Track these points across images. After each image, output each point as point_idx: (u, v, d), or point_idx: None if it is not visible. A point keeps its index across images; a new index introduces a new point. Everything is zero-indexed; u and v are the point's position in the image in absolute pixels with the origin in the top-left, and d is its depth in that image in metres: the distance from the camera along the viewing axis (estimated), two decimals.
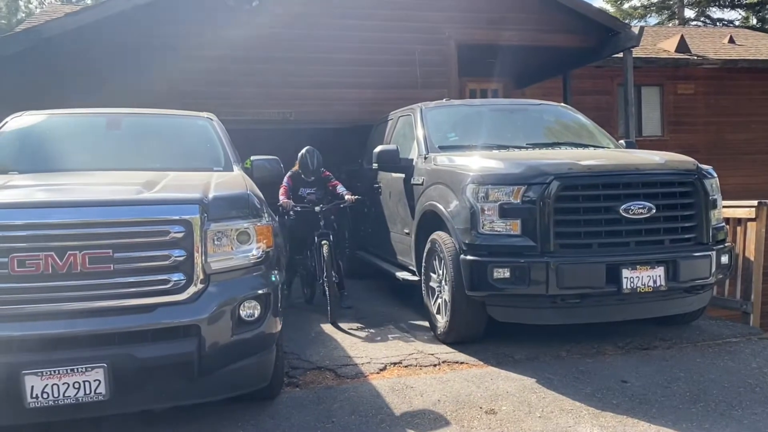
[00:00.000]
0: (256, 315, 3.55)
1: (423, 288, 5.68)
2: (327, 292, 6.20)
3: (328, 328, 5.97)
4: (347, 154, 10.41)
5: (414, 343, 5.34)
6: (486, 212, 4.80)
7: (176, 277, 3.32)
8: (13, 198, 3.30)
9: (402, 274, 6.32)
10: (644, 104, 15.10)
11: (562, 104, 7.37)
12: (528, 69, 13.15)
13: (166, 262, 3.30)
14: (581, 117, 6.88)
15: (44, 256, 3.10)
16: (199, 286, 3.37)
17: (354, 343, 5.40)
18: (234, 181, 4.02)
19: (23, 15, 18.29)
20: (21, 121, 4.92)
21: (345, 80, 10.11)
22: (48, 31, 8.62)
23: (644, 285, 4.64)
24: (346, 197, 6.77)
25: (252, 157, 5.02)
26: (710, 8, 31.51)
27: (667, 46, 15.60)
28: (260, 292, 3.57)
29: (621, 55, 11.09)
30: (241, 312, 3.49)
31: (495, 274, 4.67)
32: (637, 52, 12.45)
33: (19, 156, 4.57)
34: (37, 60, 8.73)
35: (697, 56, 15.15)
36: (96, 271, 3.17)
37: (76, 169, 4.36)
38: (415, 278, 5.99)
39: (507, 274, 4.66)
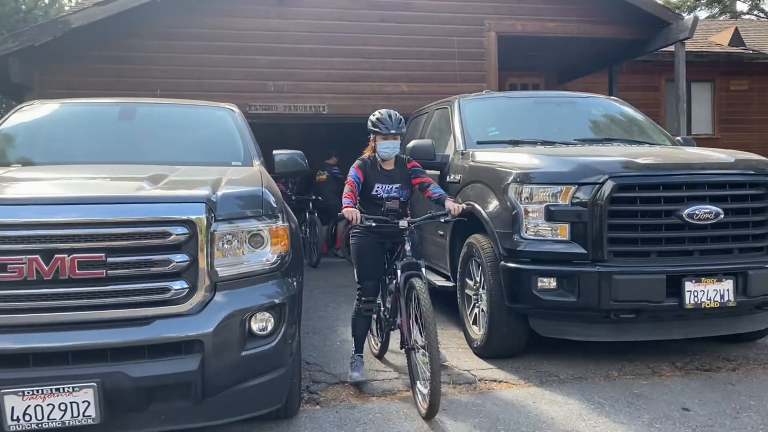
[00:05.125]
0: (269, 328, 3.14)
1: (458, 296, 5.23)
2: (430, 369, 3.55)
3: None
4: None
5: (448, 357, 4.87)
6: (530, 214, 4.32)
7: (178, 285, 2.92)
8: None
9: (436, 280, 5.85)
10: (694, 101, 14.34)
11: (613, 97, 6.83)
12: (571, 63, 12.60)
13: (167, 268, 2.90)
14: (634, 111, 6.32)
15: (28, 260, 2.73)
16: (204, 295, 2.98)
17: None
18: (249, 177, 3.62)
19: (57, 7, 18.40)
20: (30, 110, 4.61)
21: (380, 73, 9.83)
22: (77, 21, 8.60)
23: (710, 300, 4.11)
24: (448, 204, 4.21)
25: (274, 152, 4.62)
26: (764, 1, 30.25)
27: (720, 40, 14.80)
28: (275, 302, 3.16)
29: (672, 48, 10.44)
30: (252, 325, 3.09)
31: (539, 284, 4.21)
32: (687, 46, 11.75)
33: (24, 148, 4.25)
34: (68, 49, 8.71)
35: (752, 50, 14.32)
36: (86, 278, 2.80)
37: (82, 162, 4.01)
38: (451, 284, 5.53)
39: (553, 285, 4.20)
